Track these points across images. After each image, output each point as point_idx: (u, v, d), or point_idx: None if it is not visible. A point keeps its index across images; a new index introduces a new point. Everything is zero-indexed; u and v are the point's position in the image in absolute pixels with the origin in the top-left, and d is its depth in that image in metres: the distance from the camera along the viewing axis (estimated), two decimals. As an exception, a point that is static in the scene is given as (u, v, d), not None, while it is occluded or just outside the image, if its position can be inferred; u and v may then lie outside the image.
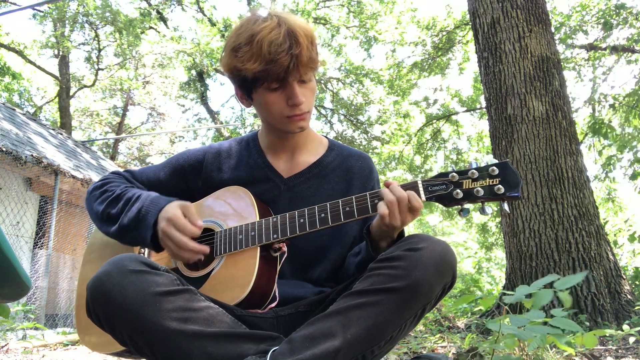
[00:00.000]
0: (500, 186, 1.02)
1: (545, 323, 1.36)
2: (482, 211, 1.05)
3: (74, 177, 6.75)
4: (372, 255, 1.13)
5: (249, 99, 1.25)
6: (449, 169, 1.08)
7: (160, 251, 1.24)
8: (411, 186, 1.08)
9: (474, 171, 1.04)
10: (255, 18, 1.17)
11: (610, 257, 3.57)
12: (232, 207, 1.27)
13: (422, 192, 1.07)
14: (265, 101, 1.20)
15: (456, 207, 1.07)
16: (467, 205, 1.07)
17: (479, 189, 1.03)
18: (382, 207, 1.06)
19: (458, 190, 1.05)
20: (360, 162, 1.37)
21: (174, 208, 1.17)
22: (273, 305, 1.16)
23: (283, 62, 1.11)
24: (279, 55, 1.11)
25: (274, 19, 1.15)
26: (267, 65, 1.11)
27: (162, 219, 1.16)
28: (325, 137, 1.44)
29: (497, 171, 1.02)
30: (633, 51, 9.15)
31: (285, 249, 1.19)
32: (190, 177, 1.38)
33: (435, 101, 13.11)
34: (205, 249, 1.17)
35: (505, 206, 1.05)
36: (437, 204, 1.10)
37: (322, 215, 1.13)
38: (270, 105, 1.20)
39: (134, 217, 1.20)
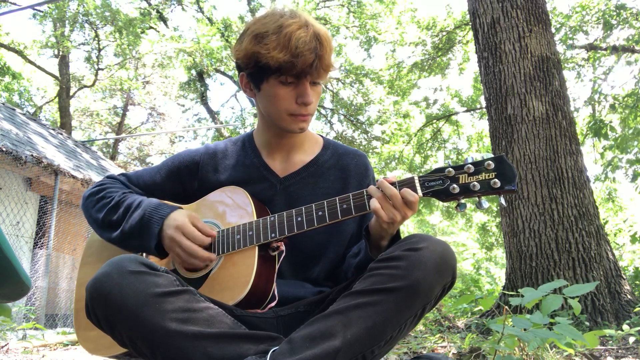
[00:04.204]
0: (496, 180, 1.02)
1: (549, 327, 1.36)
2: (479, 205, 1.05)
3: (74, 177, 6.75)
4: (371, 256, 1.13)
5: (256, 88, 1.25)
6: (445, 164, 1.08)
7: (164, 257, 1.25)
8: (408, 182, 1.08)
9: (470, 166, 1.04)
10: (280, 12, 1.19)
11: (610, 257, 3.57)
12: (230, 207, 1.27)
13: (418, 188, 1.07)
14: (274, 94, 1.20)
15: (453, 202, 1.07)
16: (463, 200, 1.06)
17: (476, 183, 1.03)
18: (373, 203, 1.06)
19: (454, 185, 1.04)
20: (356, 160, 1.37)
21: (182, 216, 1.19)
22: (272, 304, 1.16)
23: (308, 59, 1.13)
24: (305, 52, 1.13)
25: (301, 18, 1.17)
26: (293, 58, 1.13)
27: (168, 227, 1.18)
28: (321, 135, 1.44)
29: (493, 165, 1.02)
30: (633, 51, 9.15)
31: (283, 247, 1.19)
32: (187, 178, 1.38)
33: (435, 101, 13.11)
34: (213, 256, 1.20)
35: (502, 200, 1.05)
36: (436, 201, 1.10)
37: (320, 213, 1.13)
38: (279, 99, 1.20)
39: (136, 224, 1.21)
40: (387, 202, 1.06)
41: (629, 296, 3.40)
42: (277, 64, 1.14)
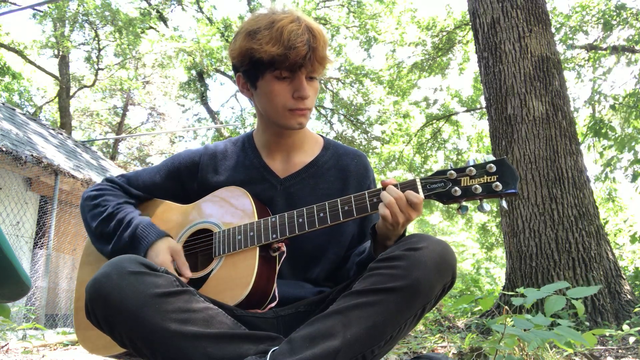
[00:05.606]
0: (498, 183, 1.02)
1: (550, 327, 1.36)
2: (481, 208, 1.05)
3: (74, 177, 6.75)
4: (374, 255, 1.13)
5: (253, 87, 1.25)
6: (447, 167, 1.08)
7: None
8: (410, 184, 1.08)
9: (472, 168, 1.04)
10: (272, 10, 1.20)
11: (610, 257, 3.57)
12: (231, 208, 1.27)
13: (420, 190, 1.07)
14: (270, 90, 1.20)
15: (455, 204, 1.07)
16: (465, 203, 1.06)
17: (477, 186, 1.03)
18: (382, 209, 1.06)
19: (456, 188, 1.05)
20: (356, 161, 1.37)
21: (164, 252, 1.20)
22: (273, 305, 1.16)
23: (301, 50, 1.13)
24: (298, 44, 1.13)
25: (292, 14, 1.18)
26: (286, 51, 1.13)
27: (153, 254, 1.20)
28: (321, 135, 1.44)
29: (494, 168, 1.03)
30: (633, 51, 9.15)
31: (284, 248, 1.19)
32: (186, 179, 1.38)
33: (435, 101, 13.13)
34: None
35: (504, 203, 1.05)
36: (437, 203, 1.11)
37: (321, 214, 1.13)
38: (275, 95, 1.20)
39: (127, 243, 1.24)
40: (391, 207, 1.06)
41: (629, 296, 3.40)
42: (270, 58, 1.14)
